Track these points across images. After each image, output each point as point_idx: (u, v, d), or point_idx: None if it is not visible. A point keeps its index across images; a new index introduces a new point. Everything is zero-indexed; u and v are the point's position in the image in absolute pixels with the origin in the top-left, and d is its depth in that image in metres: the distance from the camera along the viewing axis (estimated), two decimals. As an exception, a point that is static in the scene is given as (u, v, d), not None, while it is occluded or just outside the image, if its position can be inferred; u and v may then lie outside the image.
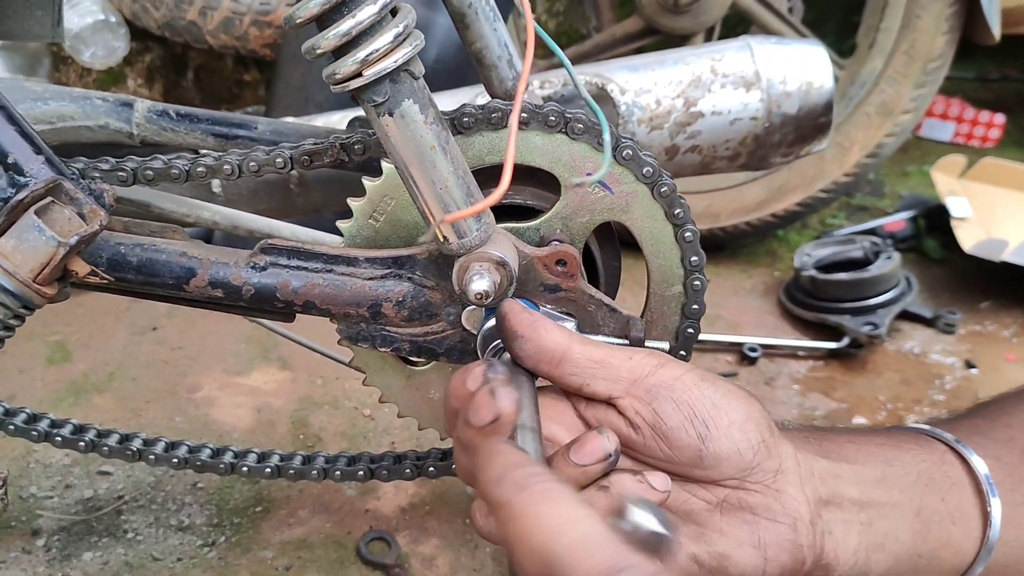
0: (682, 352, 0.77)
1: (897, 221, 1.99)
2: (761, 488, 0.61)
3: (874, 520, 0.63)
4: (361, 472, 0.93)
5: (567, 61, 0.65)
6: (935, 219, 1.97)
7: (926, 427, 0.70)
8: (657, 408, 0.60)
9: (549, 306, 0.72)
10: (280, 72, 1.86)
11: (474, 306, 0.71)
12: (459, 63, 1.57)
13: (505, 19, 1.02)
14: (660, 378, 0.61)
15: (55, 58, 2.21)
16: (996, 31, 1.73)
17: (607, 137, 0.61)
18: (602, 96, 1.11)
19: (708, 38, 1.95)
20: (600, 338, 0.71)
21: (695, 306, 0.74)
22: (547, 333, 0.62)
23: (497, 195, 0.53)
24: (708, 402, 0.60)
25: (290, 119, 1.13)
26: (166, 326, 1.66)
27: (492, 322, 0.68)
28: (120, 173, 0.77)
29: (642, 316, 0.76)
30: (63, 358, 1.55)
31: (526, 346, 0.63)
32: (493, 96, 0.89)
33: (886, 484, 0.64)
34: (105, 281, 0.66)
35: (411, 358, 0.80)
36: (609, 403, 0.63)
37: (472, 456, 0.57)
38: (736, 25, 2.28)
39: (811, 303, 1.73)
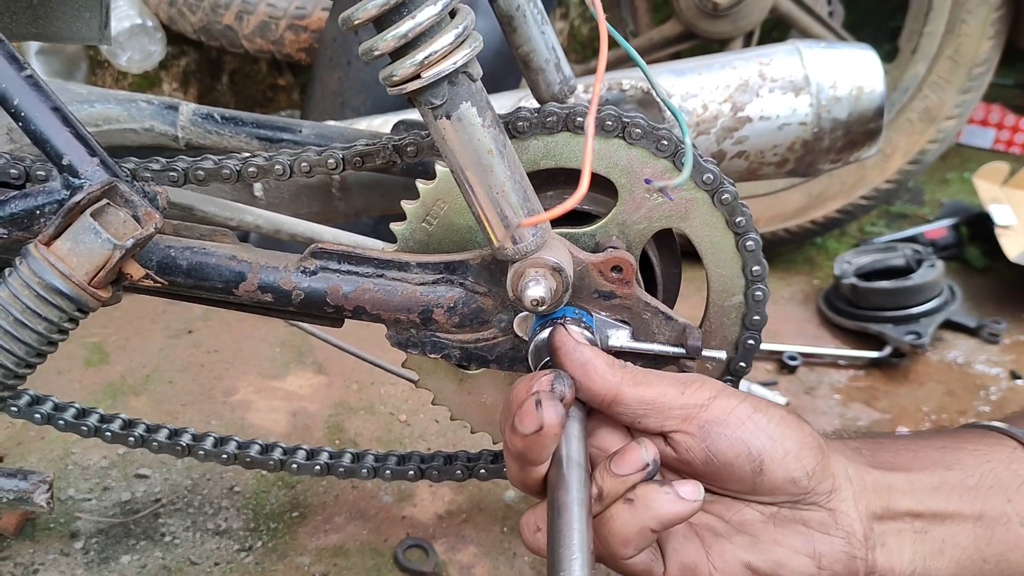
0: (741, 363, 0.75)
1: (938, 229, 1.95)
2: (815, 507, 0.61)
3: (929, 528, 0.62)
4: (411, 472, 0.92)
5: (643, 63, 0.63)
6: (977, 227, 1.93)
7: (998, 424, 0.68)
8: (710, 446, 0.60)
9: (604, 313, 0.70)
10: (317, 76, 1.85)
11: (526, 313, 0.70)
12: (495, 67, 1.55)
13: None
14: (713, 413, 0.60)
15: (92, 62, 2.23)
16: (1044, 36, 1.70)
17: (688, 140, 0.59)
18: (647, 100, 1.09)
19: (747, 43, 1.92)
20: (656, 347, 0.70)
21: (756, 317, 0.73)
22: (597, 377, 0.61)
23: (573, 201, 0.52)
24: (763, 435, 0.59)
25: (333, 123, 1.13)
26: (202, 329, 1.66)
27: (544, 334, 0.67)
28: (171, 173, 0.77)
29: (701, 325, 0.75)
30: (100, 360, 1.55)
31: (576, 387, 0.62)
32: (540, 100, 0.88)
33: (943, 491, 0.63)
34: (158, 284, 0.66)
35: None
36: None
37: (519, 465, 0.59)
38: (772, 29, 2.27)
39: (852, 311, 1.70)
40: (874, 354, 1.61)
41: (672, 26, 1.95)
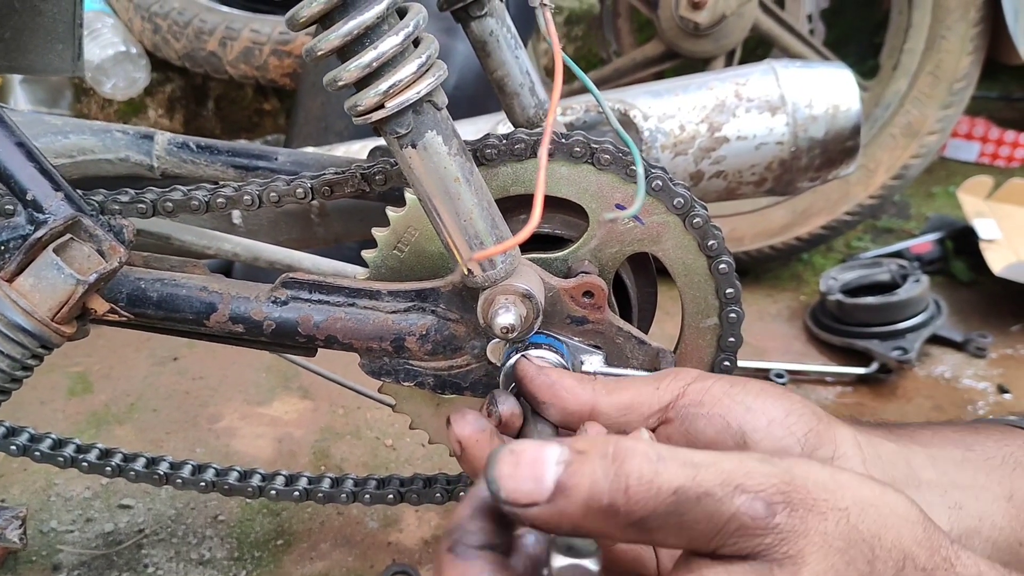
0: (716, 385, 0.74)
1: (924, 243, 1.95)
2: None
3: (963, 503, 0.58)
4: (391, 496, 0.91)
5: (595, 90, 0.64)
6: (962, 241, 1.93)
7: (1013, 418, 0.66)
8: (689, 428, 0.57)
9: (576, 339, 0.70)
10: (300, 101, 1.86)
11: (499, 339, 0.69)
12: (478, 90, 1.56)
13: (524, 43, 1.01)
14: (689, 398, 0.58)
15: (77, 90, 2.23)
16: (1023, 50, 1.70)
17: (640, 170, 0.59)
18: (625, 122, 1.09)
19: (729, 61, 1.93)
20: (629, 372, 0.69)
21: (731, 338, 0.72)
22: (569, 395, 0.59)
23: (525, 233, 0.51)
24: (740, 408, 0.57)
25: (310, 149, 1.13)
26: (187, 356, 1.65)
27: (511, 362, 0.66)
28: (140, 205, 0.76)
29: (676, 348, 0.74)
30: (84, 389, 1.54)
31: (551, 411, 0.60)
32: (515, 124, 0.88)
33: (968, 466, 0.60)
34: (123, 318, 0.65)
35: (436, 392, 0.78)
36: None
37: None
38: (756, 47, 2.28)
39: (838, 328, 1.69)
40: (861, 370, 1.61)
41: (654, 46, 1.96)
